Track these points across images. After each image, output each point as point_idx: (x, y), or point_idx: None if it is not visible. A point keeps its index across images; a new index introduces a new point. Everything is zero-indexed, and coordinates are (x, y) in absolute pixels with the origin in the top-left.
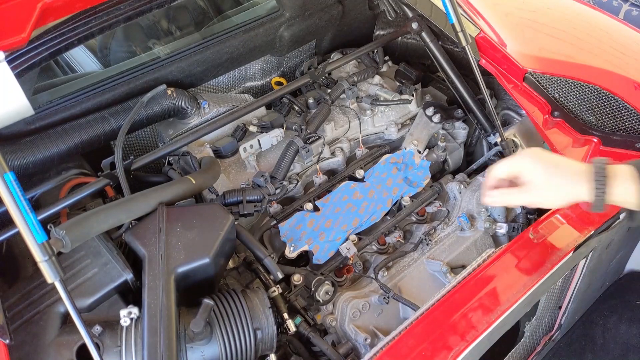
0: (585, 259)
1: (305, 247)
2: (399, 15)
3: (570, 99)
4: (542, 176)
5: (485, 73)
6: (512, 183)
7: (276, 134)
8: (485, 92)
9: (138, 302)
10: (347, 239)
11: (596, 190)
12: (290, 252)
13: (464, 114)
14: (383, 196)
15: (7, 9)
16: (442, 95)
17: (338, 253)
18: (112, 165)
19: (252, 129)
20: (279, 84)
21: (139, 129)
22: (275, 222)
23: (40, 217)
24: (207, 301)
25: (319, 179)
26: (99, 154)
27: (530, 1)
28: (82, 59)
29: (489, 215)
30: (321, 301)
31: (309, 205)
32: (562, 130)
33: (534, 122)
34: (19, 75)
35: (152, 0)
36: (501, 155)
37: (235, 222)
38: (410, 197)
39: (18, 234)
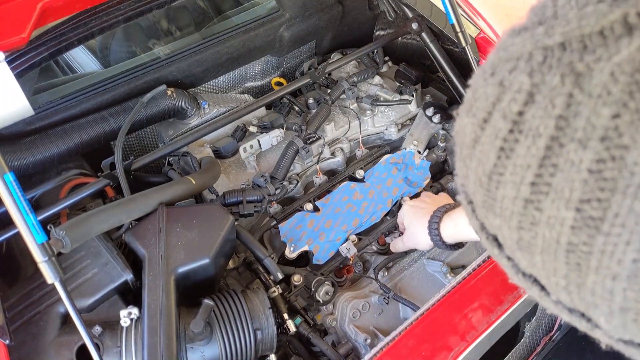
0: None
1: (305, 248)
2: (399, 16)
3: None
4: (408, 223)
5: None
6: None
7: (276, 134)
8: None
9: (138, 302)
10: (347, 239)
11: (430, 232)
12: (290, 253)
13: None
14: (383, 196)
15: (7, 9)
16: (442, 95)
17: (338, 253)
18: (112, 166)
19: (252, 129)
20: (279, 84)
21: (139, 129)
22: (275, 222)
23: (40, 218)
24: (207, 301)
25: (319, 179)
26: (99, 154)
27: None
28: (82, 59)
29: None
30: (321, 301)
31: (309, 206)
32: None
33: None
34: (19, 76)
35: (152, 1)
36: None
37: (235, 223)
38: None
39: (18, 234)
